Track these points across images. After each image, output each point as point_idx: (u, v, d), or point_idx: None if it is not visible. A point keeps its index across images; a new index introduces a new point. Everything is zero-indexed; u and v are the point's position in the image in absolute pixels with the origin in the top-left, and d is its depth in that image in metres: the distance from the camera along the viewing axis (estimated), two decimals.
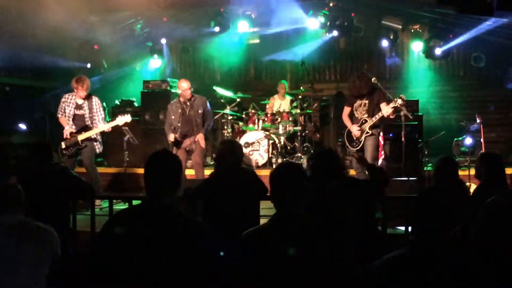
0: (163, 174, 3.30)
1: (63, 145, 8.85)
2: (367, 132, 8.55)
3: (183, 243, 3.12)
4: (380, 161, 9.14)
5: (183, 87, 9.07)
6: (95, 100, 9.03)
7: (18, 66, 12.03)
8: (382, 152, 9.20)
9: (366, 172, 8.62)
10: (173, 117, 9.18)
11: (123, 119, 9.08)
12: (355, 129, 8.63)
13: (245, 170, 6.15)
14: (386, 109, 8.36)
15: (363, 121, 8.58)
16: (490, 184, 5.07)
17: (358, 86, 8.58)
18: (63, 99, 9.00)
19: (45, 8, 9.39)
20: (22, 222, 4.26)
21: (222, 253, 3.22)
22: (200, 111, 9.11)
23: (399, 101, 8.41)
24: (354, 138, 8.69)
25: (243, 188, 5.56)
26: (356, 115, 8.73)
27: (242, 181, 5.64)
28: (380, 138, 8.91)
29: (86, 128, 8.87)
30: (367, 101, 8.61)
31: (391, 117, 8.55)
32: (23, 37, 10.31)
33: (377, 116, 8.46)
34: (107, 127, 8.98)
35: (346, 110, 8.89)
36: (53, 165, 6.27)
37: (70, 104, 8.92)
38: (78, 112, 8.93)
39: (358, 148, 8.66)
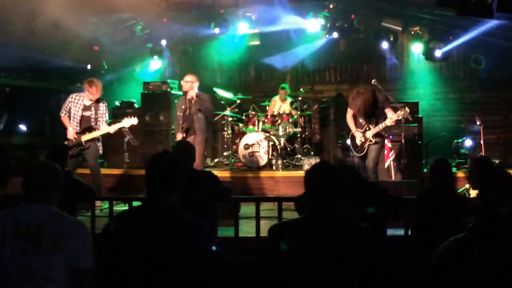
0: (162, 175, 3.31)
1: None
2: (371, 141, 8.43)
3: (181, 243, 3.13)
4: (387, 163, 9.12)
5: (184, 79, 9.10)
6: (103, 103, 9.03)
7: (18, 67, 12.02)
8: (391, 153, 9.14)
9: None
10: (178, 113, 9.22)
11: (129, 121, 9.05)
12: (358, 136, 8.50)
13: (194, 172, 6.07)
14: (389, 120, 8.29)
15: (367, 128, 8.45)
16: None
17: (360, 104, 8.35)
18: (69, 99, 8.97)
19: (45, 9, 9.39)
20: (56, 218, 3.39)
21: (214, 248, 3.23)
22: (202, 111, 9.08)
23: (402, 113, 8.29)
24: (358, 144, 8.61)
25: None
26: (360, 120, 8.57)
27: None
28: (387, 141, 8.85)
29: (90, 129, 8.86)
30: (371, 107, 8.48)
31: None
32: (23, 39, 10.31)
33: (381, 126, 8.32)
34: (112, 129, 8.96)
35: (350, 112, 8.67)
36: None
37: (78, 105, 8.90)
38: (85, 113, 8.92)
39: (362, 154, 8.56)
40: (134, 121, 9.08)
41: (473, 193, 8.46)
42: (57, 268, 3.28)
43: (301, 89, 12.53)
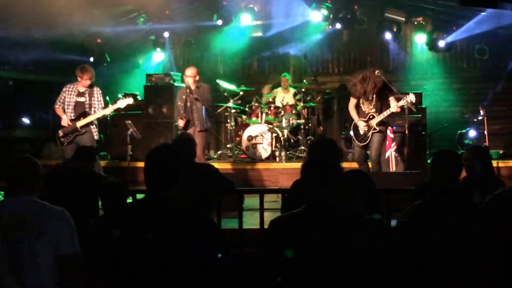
0: (161, 169, 3.30)
1: (60, 133, 8.86)
2: (375, 129, 8.39)
3: (185, 235, 3.13)
4: (388, 153, 9.07)
5: (185, 73, 9.11)
6: (97, 89, 9.05)
7: (21, 61, 12.03)
8: (393, 144, 9.08)
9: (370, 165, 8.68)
10: (179, 103, 9.22)
11: (125, 101, 9.08)
12: (362, 125, 8.44)
13: (195, 165, 6.07)
14: (394, 107, 8.25)
15: (371, 116, 8.41)
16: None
17: (361, 88, 8.36)
18: (64, 89, 9.00)
19: (48, 2, 9.39)
20: (37, 207, 3.46)
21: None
22: (200, 100, 9.07)
23: (409, 99, 8.26)
24: (361, 133, 8.57)
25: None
26: (363, 109, 8.51)
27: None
28: (389, 131, 8.81)
29: (85, 115, 8.86)
30: (374, 96, 8.43)
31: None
32: (26, 32, 10.31)
33: (385, 113, 8.30)
34: (108, 111, 9.02)
35: (352, 101, 8.66)
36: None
37: (72, 92, 8.93)
38: (79, 99, 8.94)
39: (364, 143, 8.54)
40: (129, 100, 9.11)
41: None
42: (42, 256, 3.35)
43: (304, 81, 12.49)
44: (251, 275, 4.14)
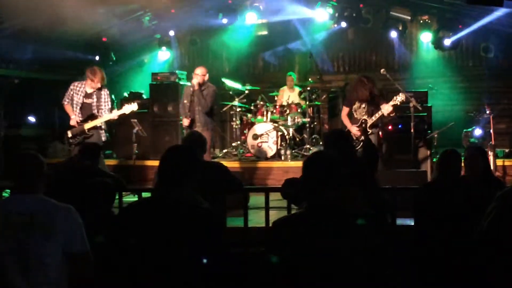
0: (176, 169, 3.33)
1: (69, 133, 8.84)
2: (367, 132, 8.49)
3: (188, 231, 3.16)
4: None
5: (195, 71, 9.11)
6: (105, 91, 9.03)
7: (26, 59, 12.05)
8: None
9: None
10: (185, 101, 9.21)
11: (130, 107, 9.07)
12: (354, 130, 8.51)
13: (204, 163, 6.10)
14: (386, 108, 8.27)
15: (363, 121, 8.48)
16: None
17: (360, 91, 8.41)
18: (71, 87, 8.97)
19: (54, 0, 9.40)
20: (45, 205, 3.46)
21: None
22: (203, 101, 9.07)
23: (399, 99, 8.28)
24: (354, 138, 8.60)
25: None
26: (356, 116, 8.60)
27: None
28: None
29: (93, 117, 8.85)
30: (365, 103, 8.51)
31: (391, 114, 8.47)
32: (32, 30, 10.34)
33: (377, 116, 8.35)
34: (114, 115, 8.99)
35: (345, 110, 8.79)
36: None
37: (79, 93, 8.90)
38: (86, 100, 8.92)
39: (358, 148, 8.58)
40: (134, 107, 9.09)
41: None
42: (51, 255, 3.36)
43: (310, 79, 12.49)
44: (256, 273, 4.15)
